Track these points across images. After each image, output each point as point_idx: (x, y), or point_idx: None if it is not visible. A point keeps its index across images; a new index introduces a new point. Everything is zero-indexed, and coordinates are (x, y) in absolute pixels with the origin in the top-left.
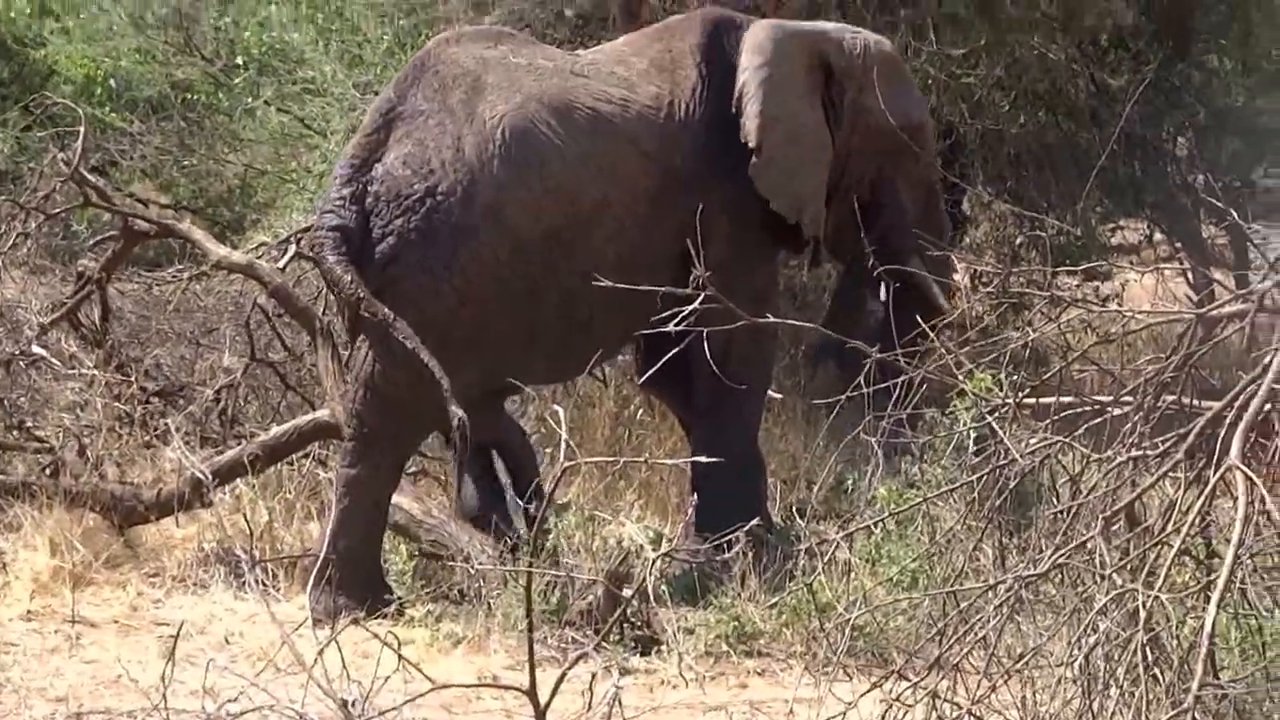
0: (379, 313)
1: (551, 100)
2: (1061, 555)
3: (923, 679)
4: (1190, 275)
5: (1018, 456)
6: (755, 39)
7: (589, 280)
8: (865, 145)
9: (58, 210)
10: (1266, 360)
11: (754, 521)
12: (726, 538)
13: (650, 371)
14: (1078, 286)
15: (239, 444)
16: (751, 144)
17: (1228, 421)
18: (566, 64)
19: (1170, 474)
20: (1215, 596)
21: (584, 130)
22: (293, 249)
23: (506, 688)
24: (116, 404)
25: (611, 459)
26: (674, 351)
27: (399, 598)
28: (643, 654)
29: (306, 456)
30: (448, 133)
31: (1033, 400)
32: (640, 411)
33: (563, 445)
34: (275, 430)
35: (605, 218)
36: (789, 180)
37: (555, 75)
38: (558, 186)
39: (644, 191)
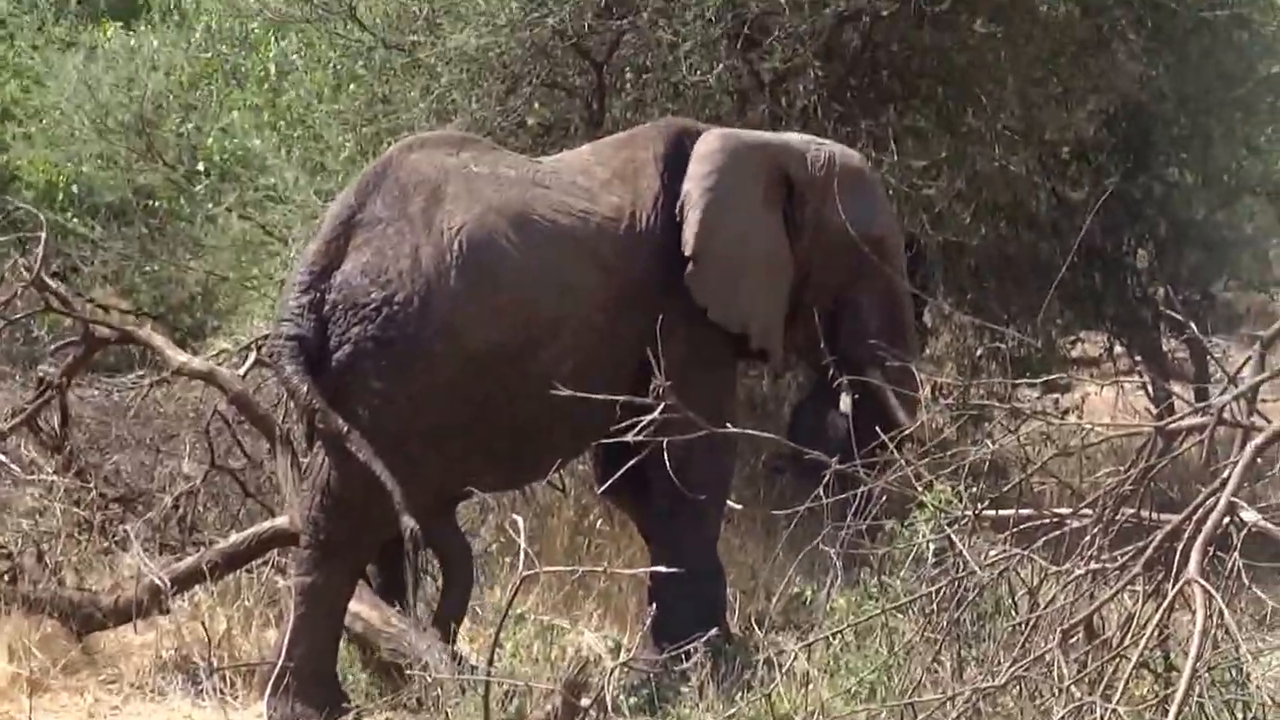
0: (333, 423)
1: (510, 211)
2: (1020, 668)
3: None
4: (1150, 388)
5: (976, 569)
6: (705, 148)
7: (545, 391)
8: (827, 258)
9: (19, 315)
10: (1225, 474)
11: (712, 632)
12: (684, 648)
13: (609, 481)
14: (1038, 399)
15: (198, 551)
16: (687, 252)
17: (1186, 535)
18: (528, 173)
19: (1129, 587)
20: (1173, 710)
21: (542, 243)
22: (253, 356)
23: None
24: (75, 510)
25: (570, 568)
26: (633, 462)
27: (356, 706)
28: None
29: (265, 564)
30: (406, 241)
31: (992, 512)
32: (600, 521)
33: (522, 554)
34: (234, 537)
35: (562, 331)
36: (730, 291)
37: (516, 185)
38: (514, 300)
39: (602, 304)
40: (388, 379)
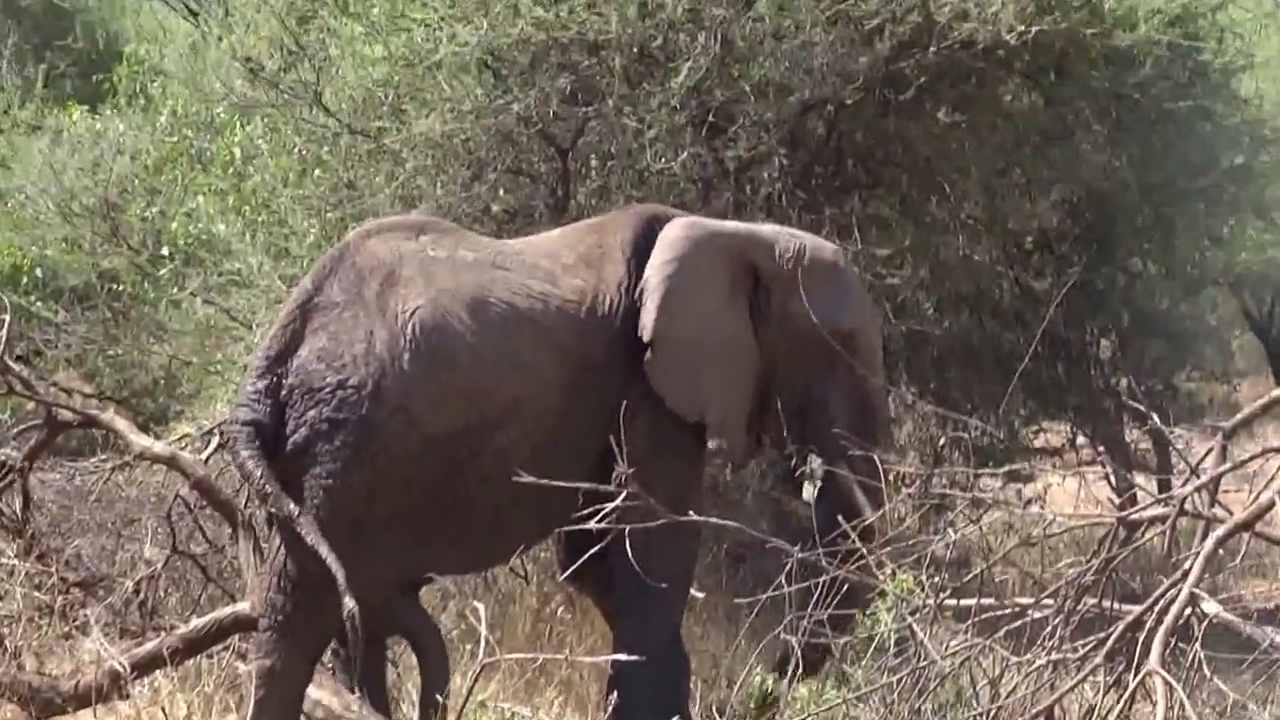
0: (284, 509)
1: (465, 295)
2: None
3: None
4: (1113, 479)
5: (938, 658)
6: (669, 236)
7: (503, 474)
8: (793, 351)
9: None
10: (1187, 565)
11: None
12: None
13: (572, 568)
14: (1000, 489)
15: (158, 636)
16: (645, 339)
17: (1148, 626)
18: (488, 256)
19: (1090, 678)
20: None
21: (497, 326)
22: (216, 441)
23: None
24: (36, 594)
25: (532, 655)
26: (595, 549)
27: None
28: None
29: (226, 649)
30: (360, 326)
31: (954, 602)
32: (561, 608)
33: (483, 641)
34: (195, 623)
35: (519, 414)
36: (688, 379)
37: (473, 269)
38: (469, 384)
39: (560, 386)
40: (343, 462)
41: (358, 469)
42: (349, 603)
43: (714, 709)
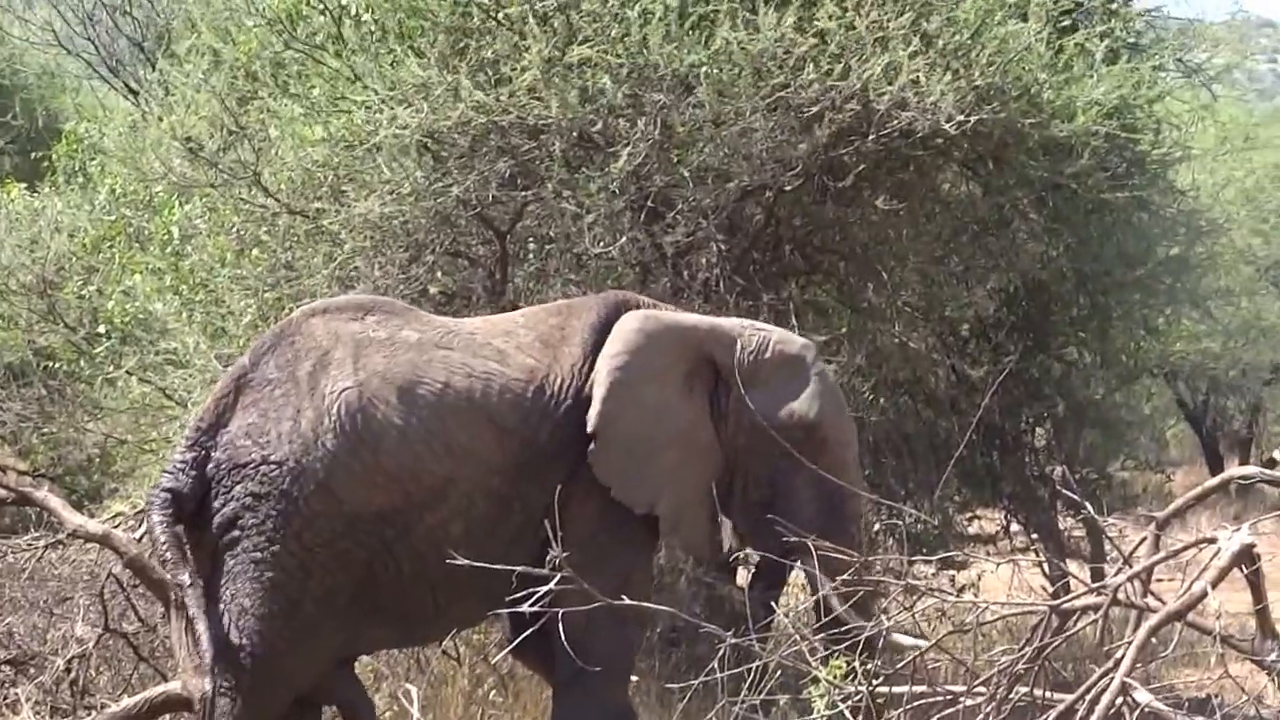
0: (178, 577)
1: (397, 376)
2: None
3: None
4: (1046, 567)
5: None
6: (624, 327)
7: (435, 554)
8: (754, 444)
9: None
10: (1119, 654)
11: None
12: None
13: (512, 645)
14: (934, 575)
15: (89, 715)
16: (588, 429)
17: (1080, 715)
18: (434, 336)
19: None
20: None
21: (427, 407)
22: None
23: None
24: None
25: None
26: (531, 629)
27: None
28: None
29: None
30: (290, 404)
31: (887, 689)
32: (493, 691)
33: None
34: (126, 702)
35: (450, 494)
36: (634, 471)
37: (413, 349)
38: (394, 465)
39: (499, 467)
40: (269, 537)
41: (286, 545)
42: (205, 685)
43: None
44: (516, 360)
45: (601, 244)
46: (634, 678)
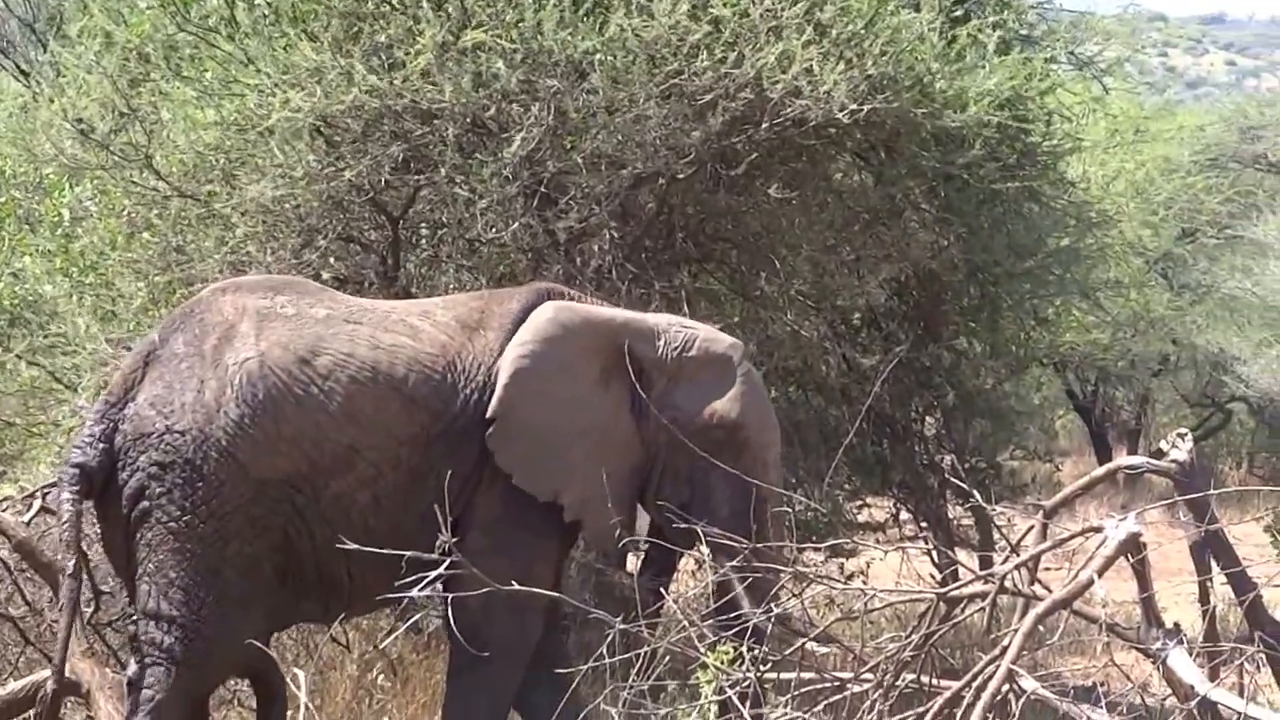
0: (67, 560)
1: (299, 347)
2: None
3: None
4: (935, 555)
5: None
6: (538, 318)
7: (346, 523)
8: (675, 441)
9: None
10: (1006, 642)
11: None
12: None
13: (399, 630)
14: (823, 563)
15: None
16: (488, 415)
17: (966, 702)
18: (345, 313)
19: None
20: None
21: (329, 376)
22: (38, 503)
23: None
24: None
25: None
26: (414, 619)
27: None
28: None
29: (40, 717)
30: (194, 375)
31: (774, 675)
32: (381, 676)
33: (302, 708)
34: (12, 685)
35: (356, 463)
36: (536, 459)
37: (320, 324)
38: (294, 432)
39: (407, 437)
40: (179, 506)
41: (196, 513)
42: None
43: None
44: (429, 335)
45: (494, 230)
46: None
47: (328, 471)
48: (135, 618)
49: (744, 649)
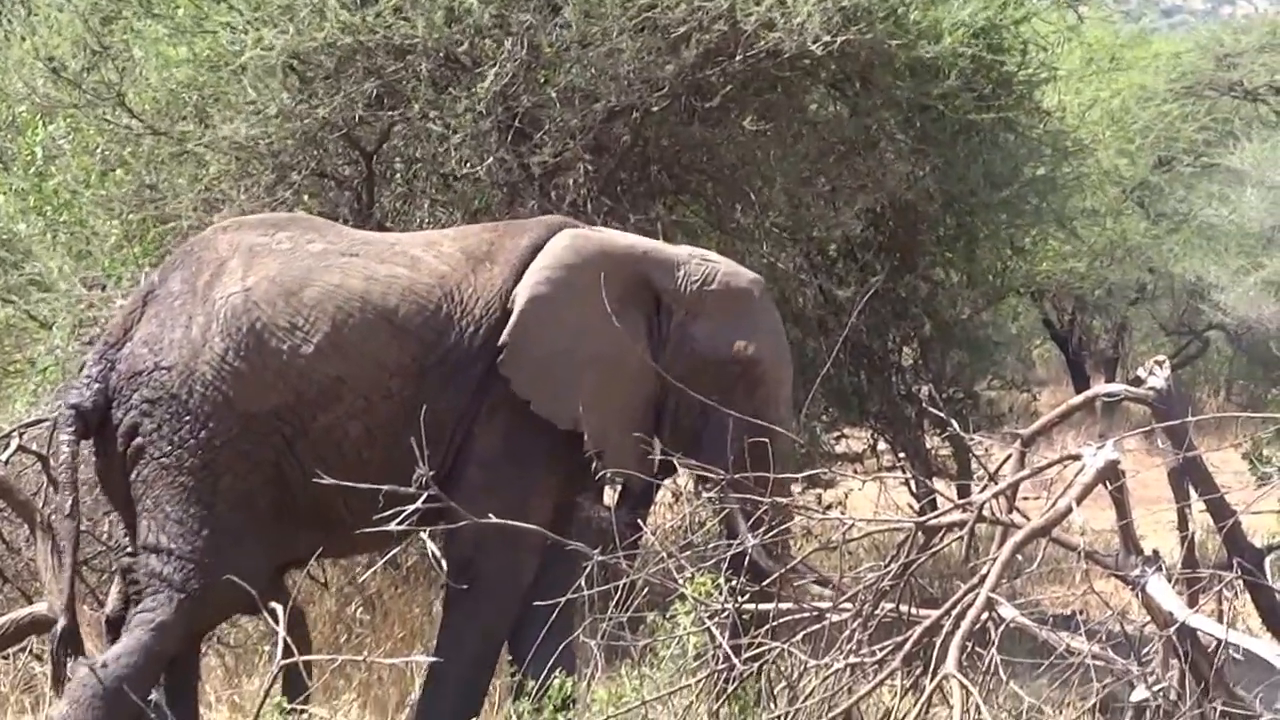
0: (62, 501)
1: (286, 280)
2: None
3: None
4: (913, 485)
5: (737, 661)
6: (555, 245)
7: (338, 457)
8: (691, 374)
9: None
10: (984, 570)
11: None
12: None
13: (376, 565)
14: (800, 493)
15: None
16: (501, 340)
17: (945, 630)
18: (343, 246)
19: (888, 681)
20: None
21: (315, 307)
22: (15, 442)
23: None
24: None
25: (330, 657)
26: (393, 550)
27: None
28: None
29: (22, 650)
30: (184, 312)
31: (752, 606)
32: (359, 610)
33: (280, 643)
34: None
35: (344, 395)
36: (554, 386)
37: (313, 257)
38: (280, 364)
39: (398, 368)
40: (169, 440)
41: (186, 447)
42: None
43: (511, 714)
44: (429, 266)
45: (468, 165)
46: None
47: (315, 404)
48: (135, 554)
49: (724, 581)
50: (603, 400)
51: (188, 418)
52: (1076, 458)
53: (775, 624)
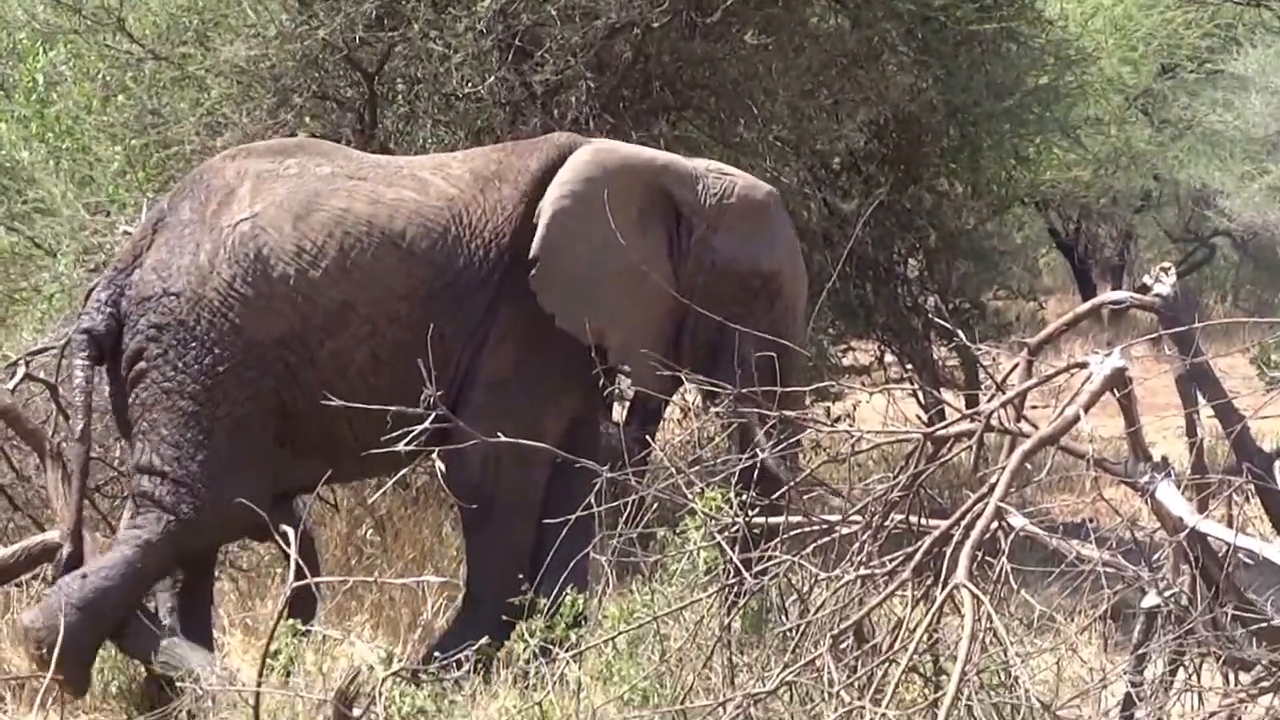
0: (74, 426)
1: (293, 205)
2: (790, 673)
3: None
4: (921, 396)
5: (747, 576)
6: (577, 159)
7: (345, 383)
8: (712, 287)
9: None
10: (993, 480)
11: (483, 640)
12: (457, 656)
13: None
14: (809, 407)
15: None
16: (531, 255)
17: (955, 540)
18: (351, 170)
19: (898, 592)
20: (942, 713)
21: (322, 231)
22: (22, 370)
23: None
24: None
25: (342, 579)
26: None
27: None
28: None
29: (35, 578)
30: (192, 239)
31: (762, 519)
32: (370, 532)
33: (292, 565)
34: (2, 552)
35: (351, 320)
36: (579, 299)
37: (320, 181)
38: (287, 290)
39: (406, 292)
40: (173, 365)
41: (189, 373)
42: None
43: (524, 629)
44: (437, 189)
45: (470, 84)
46: None
47: (322, 330)
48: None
49: (734, 495)
50: (627, 314)
51: (194, 344)
52: (1084, 366)
53: (785, 537)
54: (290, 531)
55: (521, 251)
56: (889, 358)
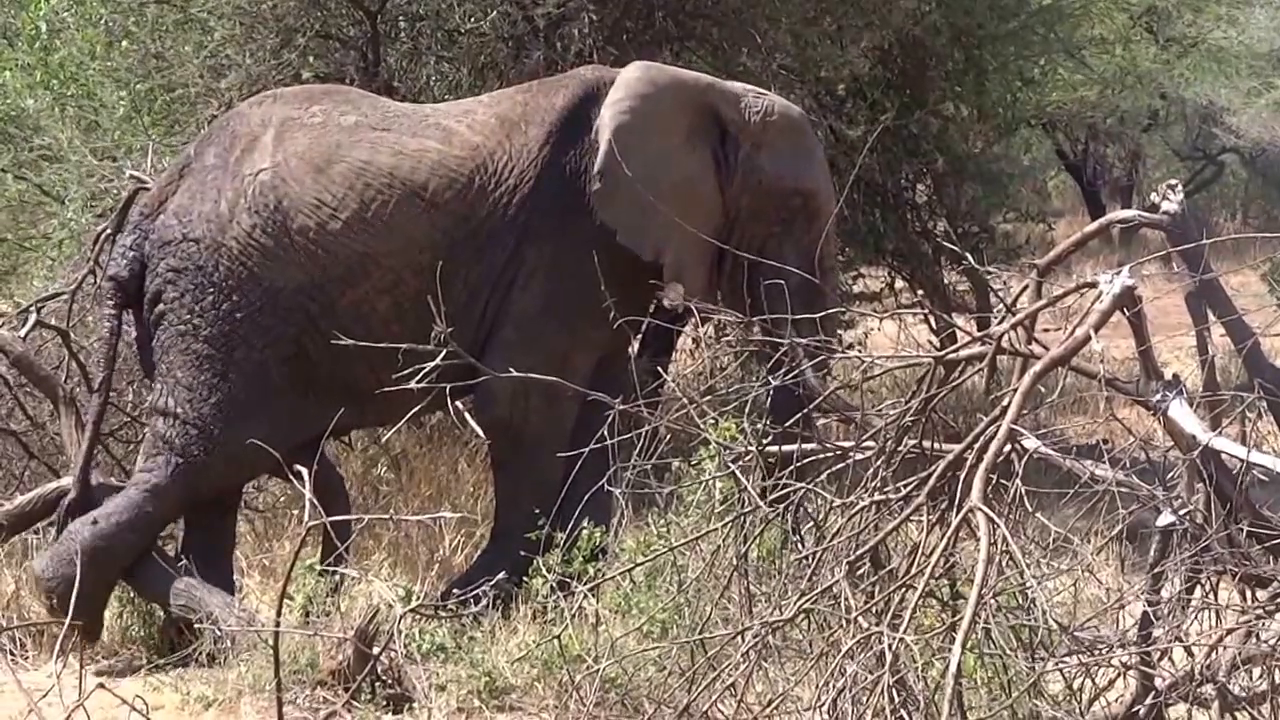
0: (100, 369)
1: (315, 156)
2: (807, 600)
3: None
4: (932, 321)
5: (761, 504)
6: (627, 76)
7: (365, 332)
8: (755, 205)
9: None
10: (1005, 402)
11: (499, 575)
12: (475, 591)
13: (400, 422)
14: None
15: None
16: (594, 170)
17: (968, 464)
18: (375, 119)
19: (913, 517)
20: (960, 637)
21: (343, 183)
22: (34, 317)
23: None
24: None
25: (358, 518)
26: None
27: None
28: (395, 712)
29: (51, 525)
30: (214, 186)
31: (775, 448)
32: (385, 469)
33: (307, 504)
34: (19, 499)
35: (371, 270)
36: (639, 216)
37: (344, 131)
38: (306, 241)
39: (428, 242)
40: (189, 309)
41: (205, 317)
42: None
43: (541, 564)
44: (461, 138)
45: (473, 19)
46: None
47: (342, 280)
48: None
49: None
50: (681, 231)
51: (211, 290)
52: (1093, 285)
53: (800, 464)
54: (305, 471)
55: (549, 190)
56: (899, 283)
